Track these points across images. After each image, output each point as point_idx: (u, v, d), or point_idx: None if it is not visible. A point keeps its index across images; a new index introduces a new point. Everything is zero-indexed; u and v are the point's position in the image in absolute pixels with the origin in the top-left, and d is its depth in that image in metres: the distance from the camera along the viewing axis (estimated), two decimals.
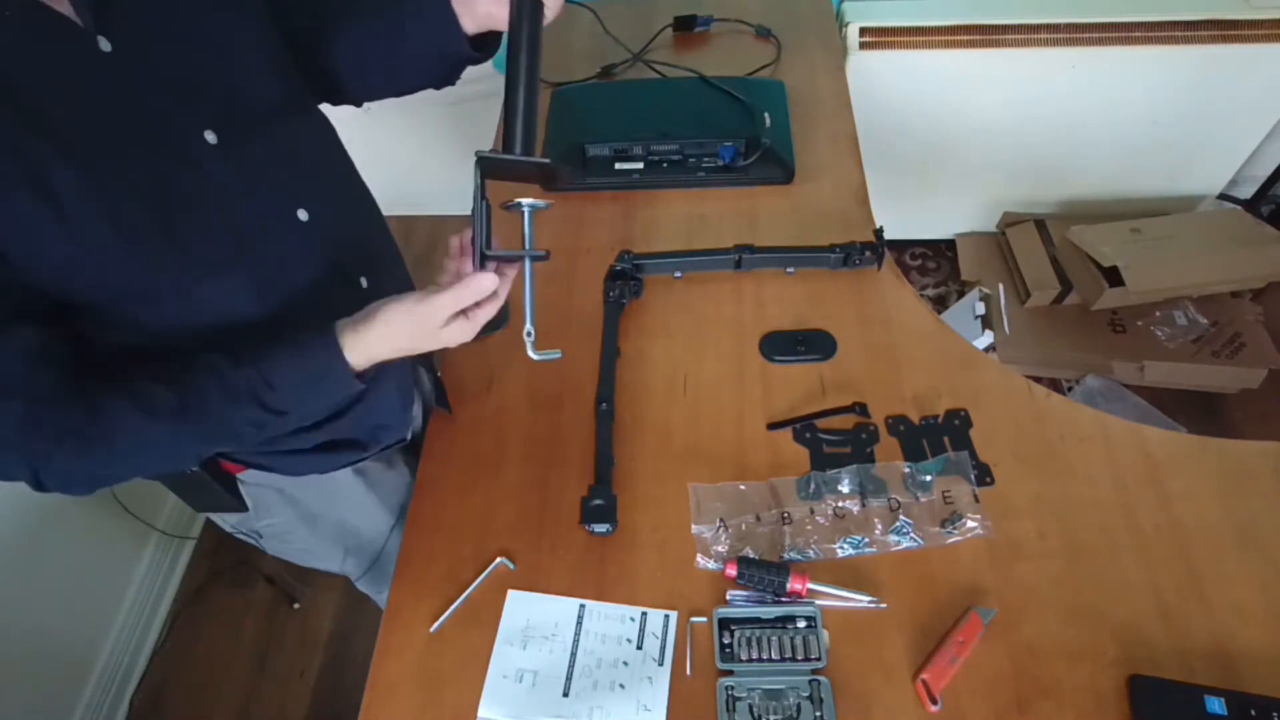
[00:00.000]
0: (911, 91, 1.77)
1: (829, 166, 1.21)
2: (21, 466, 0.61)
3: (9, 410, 0.58)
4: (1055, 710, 0.71)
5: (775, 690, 0.73)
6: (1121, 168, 1.95)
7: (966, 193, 2.05)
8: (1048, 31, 1.66)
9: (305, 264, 0.73)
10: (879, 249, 1.05)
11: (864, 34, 1.67)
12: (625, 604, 0.79)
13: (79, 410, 0.61)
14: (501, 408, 0.95)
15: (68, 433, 0.61)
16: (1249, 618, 0.76)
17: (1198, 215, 1.97)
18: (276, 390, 0.67)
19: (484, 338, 0.74)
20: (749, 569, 0.78)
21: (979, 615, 0.75)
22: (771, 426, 0.92)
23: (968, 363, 0.97)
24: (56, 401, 0.60)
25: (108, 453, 0.63)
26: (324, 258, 0.74)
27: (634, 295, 1.05)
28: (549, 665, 0.76)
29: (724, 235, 1.11)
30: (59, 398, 0.60)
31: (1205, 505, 0.83)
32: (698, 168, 1.19)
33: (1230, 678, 0.72)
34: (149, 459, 0.68)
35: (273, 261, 0.70)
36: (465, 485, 0.89)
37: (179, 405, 0.64)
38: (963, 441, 0.89)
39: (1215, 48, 1.66)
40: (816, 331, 1.00)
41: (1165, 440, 0.89)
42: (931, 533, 0.82)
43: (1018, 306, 1.92)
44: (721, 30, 1.46)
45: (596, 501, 0.84)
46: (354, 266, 0.79)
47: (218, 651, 1.64)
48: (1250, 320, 1.82)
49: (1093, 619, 0.76)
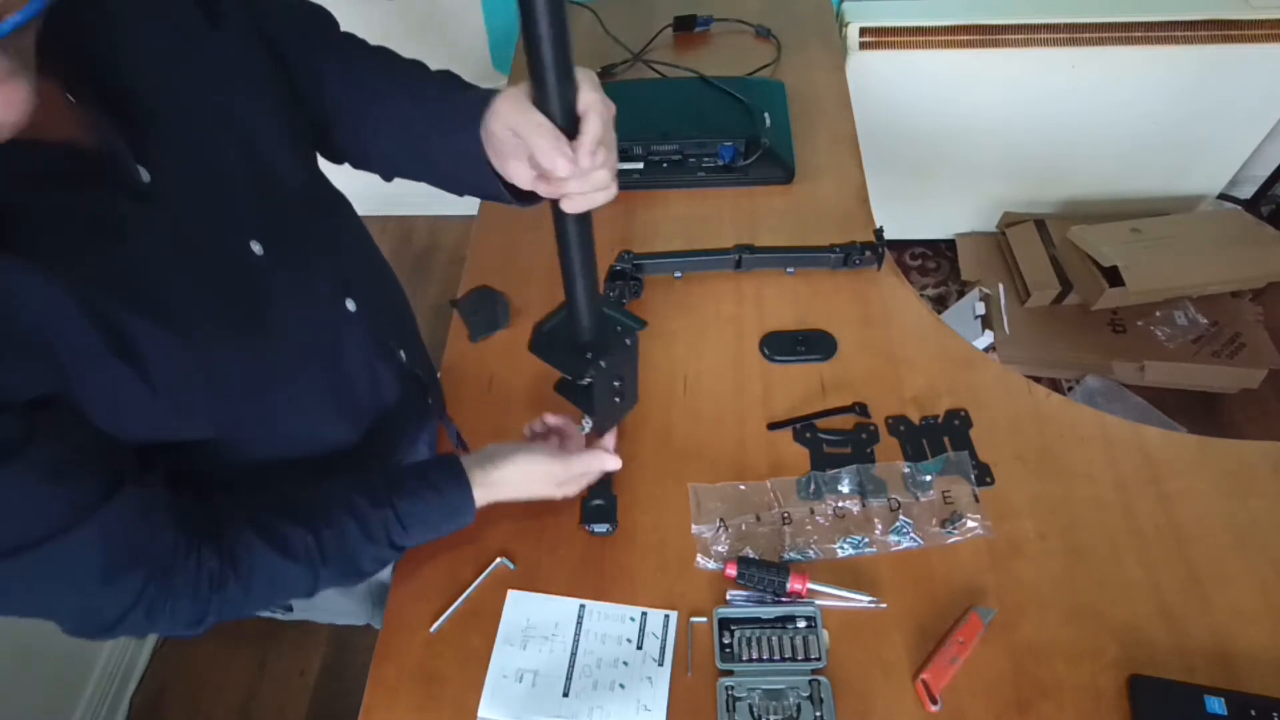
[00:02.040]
0: (911, 91, 1.77)
1: (829, 166, 1.21)
2: (148, 625, 0.58)
3: (131, 580, 0.56)
4: (1055, 710, 0.71)
5: (775, 690, 0.73)
6: (1121, 168, 1.95)
7: (966, 193, 2.05)
8: (1048, 31, 1.66)
9: (358, 350, 0.72)
10: (879, 249, 1.05)
11: (864, 34, 1.67)
12: (625, 604, 0.79)
13: (210, 562, 0.59)
14: (501, 408, 0.95)
15: (201, 584, 0.59)
16: (1249, 618, 0.76)
17: (1198, 215, 1.97)
18: (408, 530, 0.68)
19: (483, 338, 0.74)
20: (749, 569, 0.78)
21: (979, 615, 0.75)
22: (772, 426, 0.92)
23: (968, 363, 0.97)
24: (179, 559, 0.58)
25: (243, 596, 0.62)
26: (371, 339, 0.74)
27: (634, 295, 1.05)
28: (549, 665, 0.76)
29: (724, 235, 1.11)
30: (180, 554, 0.58)
31: (1205, 505, 0.83)
32: (698, 168, 1.19)
33: (1230, 678, 0.72)
34: (278, 597, 0.67)
35: (334, 356, 0.70)
36: None
37: (318, 548, 0.64)
38: (963, 441, 0.89)
39: (1215, 48, 1.66)
40: (816, 331, 1.00)
41: (1165, 440, 0.89)
42: (931, 533, 0.82)
43: (1018, 306, 1.92)
44: (721, 30, 1.46)
45: (596, 501, 0.84)
46: (391, 339, 0.78)
47: (218, 652, 1.64)
48: (1250, 320, 1.82)
49: (1093, 619, 0.76)
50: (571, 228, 0.60)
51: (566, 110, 0.54)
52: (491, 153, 0.63)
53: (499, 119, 0.59)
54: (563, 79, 0.52)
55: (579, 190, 0.56)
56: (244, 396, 0.61)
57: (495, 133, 0.60)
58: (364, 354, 0.73)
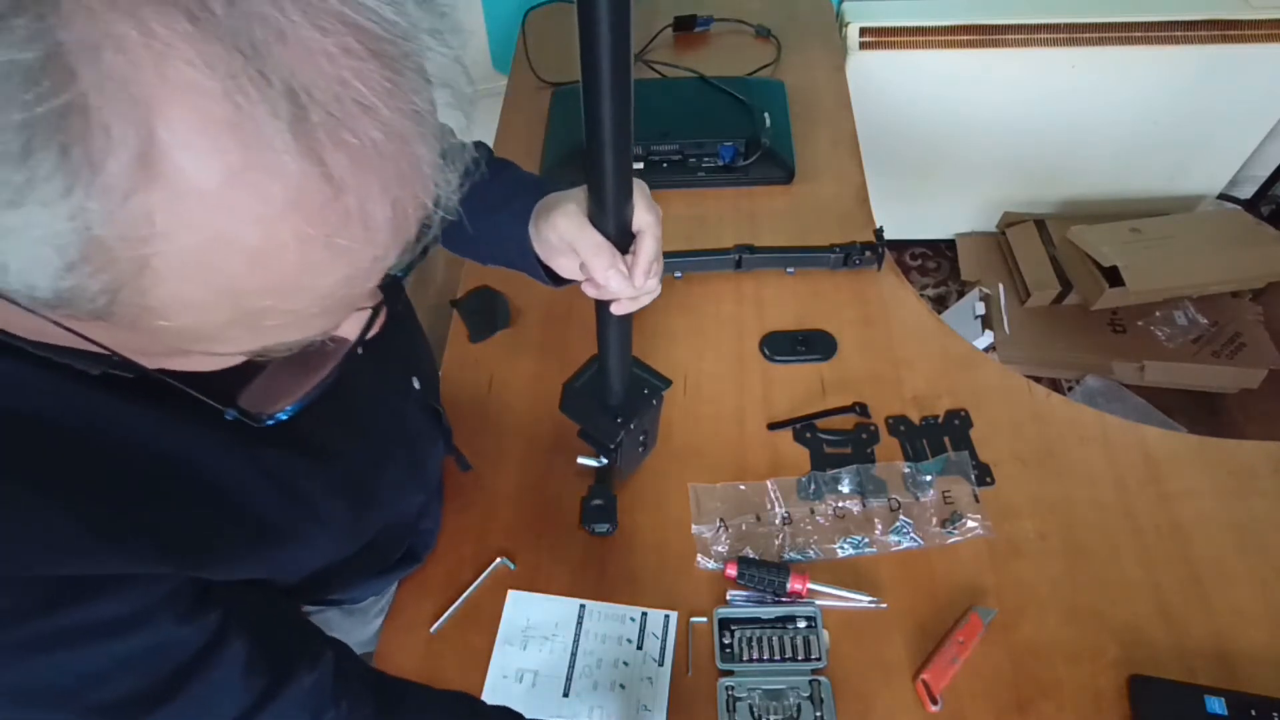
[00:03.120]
0: (911, 91, 1.77)
1: (829, 166, 1.21)
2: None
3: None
4: (1055, 710, 0.71)
5: (775, 690, 0.73)
6: (1121, 168, 1.95)
7: (966, 193, 2.05)
8: (1048, 31, 1.66)
9: (417, 420, 0.71)
10: (879, 249, 1.05)
11: (864, 34, 1.67)
12: (625, 604, 0.79)
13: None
14: (501, 408, 0.95)
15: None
16: (1249, 618, 0.76)
17: (1198, 215, 1.97)
18: None
19: (483, 339, 0.74)
20: (749, 569, 0.78)
21: (979, 615, 0.75)
22: (772, 426, 0.92)
23: (968, 363, 0.97)
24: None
25: None
26: (426, 408, 0.73)
27: None
28: (549, 665, 0.76)
29: (724, 235, 1.11)
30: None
31: (1205, 505, 0.83)
32: (698, 168, 1.19)
33: (1230, 678, 0.72)
34: None
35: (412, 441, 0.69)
36: (465, 485, 0.89)
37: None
38: (963, 441, 0.89)
39: (1215, 48, 1.66)
40: (816, 331, 1.00)
41: (1165, 440, 0.89)
42: (931, 533, 0.82)
43: (1018, 306, 1.92)
44: (721, 30, 1.45)
45: (596, 502, 0.84)
46: (431, 397, 0.76)
47: None
48: (1250, 320, 1.82)
49: (1093, 619, 0.76)
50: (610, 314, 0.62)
51: (621, 227, 0.55)
52: (539, 246, 0.63)
53: (555, 231, 0.59)
54: (620, 203, 0.53)
55: (629, 300, 0.58)
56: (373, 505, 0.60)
57: (548, 239, 0.61)
58: (419, 421, 0.71)
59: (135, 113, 0.23)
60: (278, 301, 0.29)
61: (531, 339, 1.01)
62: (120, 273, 0.26)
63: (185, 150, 0.24)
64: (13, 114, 0.21)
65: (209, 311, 0.29)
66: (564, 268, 0.62)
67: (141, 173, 0.24)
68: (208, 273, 0.27)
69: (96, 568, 0.41)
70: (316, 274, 0.29)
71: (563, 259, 0.61)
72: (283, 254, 0.27)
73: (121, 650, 0.44)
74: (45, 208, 0.23)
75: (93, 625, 0.42)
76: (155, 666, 0.47)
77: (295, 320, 0.31)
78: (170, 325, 0.28)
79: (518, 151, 1.25)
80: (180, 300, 0.27)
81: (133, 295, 0.27)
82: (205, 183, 0.24)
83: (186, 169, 0.24)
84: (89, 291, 0.26)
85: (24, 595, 0.39)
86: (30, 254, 0.25)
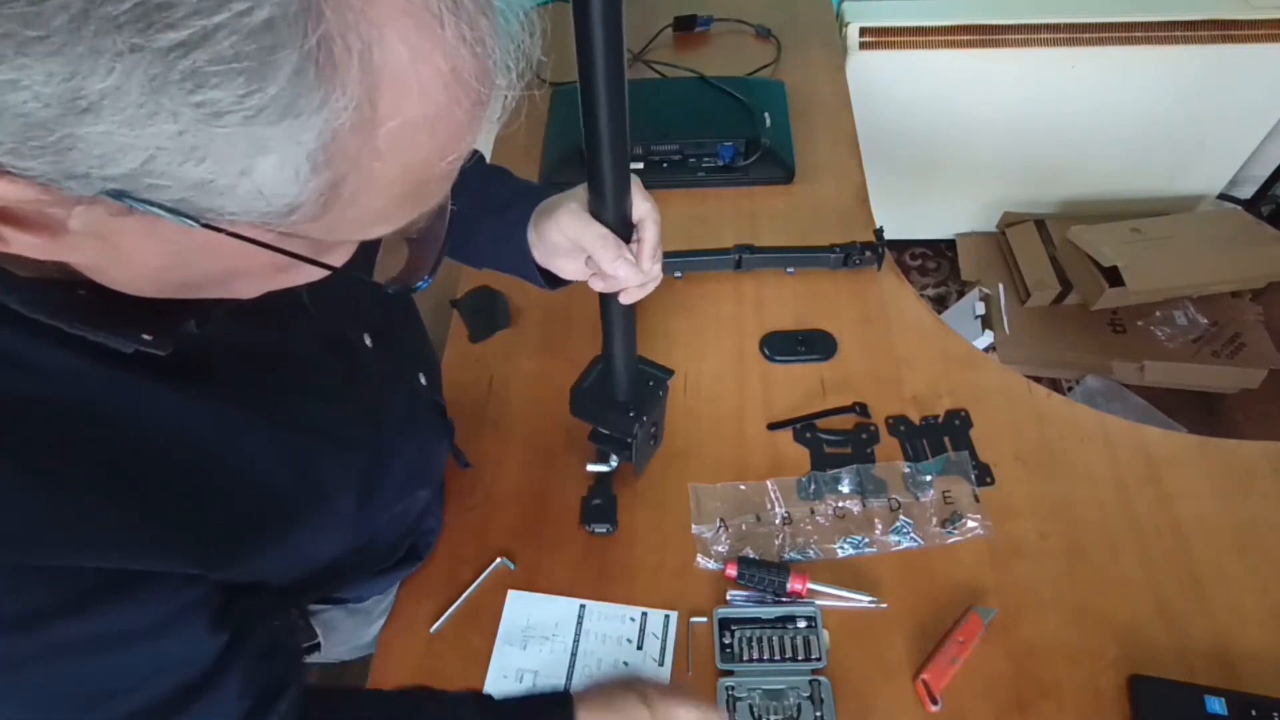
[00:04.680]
0: (911, 91, 1.77)
1: (829, 166, 1.21)
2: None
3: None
4: (1055, 710, 0.71)
5: (775, 690, 0.73)
6: (1121, 168, 1.95)
7: (966, 193, 2.05)
8: (1048, 31, 1.66)
9: (424, 415, 0.71)
10: (879, 249, 1.05)
11: (864, 34, 1.67)
12: (625, 604, 0.79)
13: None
14: (501, 407, 0.95)
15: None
16: (1249, 618, 0.76)
17: (1198, 215, 1.97)
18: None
19: (484, 339, 0.74)
20: (749, 569, 0.78)
21: (979, 615, 0.75)
22: (772, 426, 0.92)
23: (968, 363, 0.97)
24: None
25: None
26: (429, 401, 0.73)
27: None
28: (549, 665, 0.76)
29: (724, 235, 1.11)
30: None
31: (1205, 505, 0.83)
32: (698, 168, 1.19)
33: (1230, 678, 0.72)
34: None
35: (419, 436, 0.69)
36: (465, 485, 0.89)
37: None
38: (963, 441, 0.89)
39: (1215, 48, 1.66)
40: (816, 331, 1.00)
41: (1165, 440, 0.89)
42: (932, 533, 0.82)
43: (1018, 306, 1.92)
44: (721, 30, 1.45)
45: (596, 501, 0.84)
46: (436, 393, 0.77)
47: None
48: (1250, 320, 1.82)
49: (1093, 619, 0.76)
50: (616, 308, 0.64)
51: (622, 219, 0.58)
52: (539, 250, 0.65)
53: (560, 229, 0.61)
54: (620, 193, 0.56)
55: (637, 287, 0.60)
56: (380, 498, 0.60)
57: (552, 239, 0.62)
58: (425, 413, 0.71)
59: (361, 26, 0.28)
60: (443, 162, 0.33)
61: (531, 339, 1.01)
62: (345, 166, 0.30)
63: (389, 46, 0.28)
64: (289, 52, 0.26)
65: (394, 187, 0.33)
66: (566, 269, 0.63)
67: (363, 70, 0.28)
68: (402, 149, 0.31)
69: (128, 561, 0.41)
70: (466, 130, 0.33)
71: (565, 260, 0.62)
72: (451, 114, 0.32)
73: (147, 657, 0.44)
74: (303, 118, 0.27)
75: (122, 630, 0.42)
76: (174, 678, 0.47)
77: (439, 184, 0.36)
78: (360, 212, 0.33)
79: (518, 151, 1.25)
80: (381, 181, 0.32)
81: (348, 187, 0.31)
82: (402, 67, 0.29)
83: (390, 59, 0.29)
84: (318, 190, 0.30)
85: (53, 590, 0.38)
86: (287, 165, 0.28)
